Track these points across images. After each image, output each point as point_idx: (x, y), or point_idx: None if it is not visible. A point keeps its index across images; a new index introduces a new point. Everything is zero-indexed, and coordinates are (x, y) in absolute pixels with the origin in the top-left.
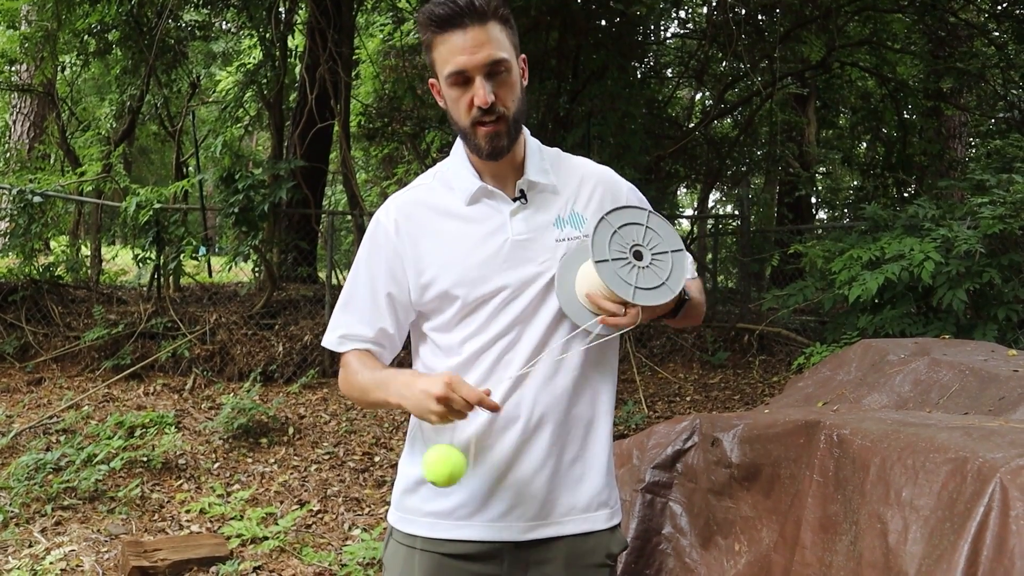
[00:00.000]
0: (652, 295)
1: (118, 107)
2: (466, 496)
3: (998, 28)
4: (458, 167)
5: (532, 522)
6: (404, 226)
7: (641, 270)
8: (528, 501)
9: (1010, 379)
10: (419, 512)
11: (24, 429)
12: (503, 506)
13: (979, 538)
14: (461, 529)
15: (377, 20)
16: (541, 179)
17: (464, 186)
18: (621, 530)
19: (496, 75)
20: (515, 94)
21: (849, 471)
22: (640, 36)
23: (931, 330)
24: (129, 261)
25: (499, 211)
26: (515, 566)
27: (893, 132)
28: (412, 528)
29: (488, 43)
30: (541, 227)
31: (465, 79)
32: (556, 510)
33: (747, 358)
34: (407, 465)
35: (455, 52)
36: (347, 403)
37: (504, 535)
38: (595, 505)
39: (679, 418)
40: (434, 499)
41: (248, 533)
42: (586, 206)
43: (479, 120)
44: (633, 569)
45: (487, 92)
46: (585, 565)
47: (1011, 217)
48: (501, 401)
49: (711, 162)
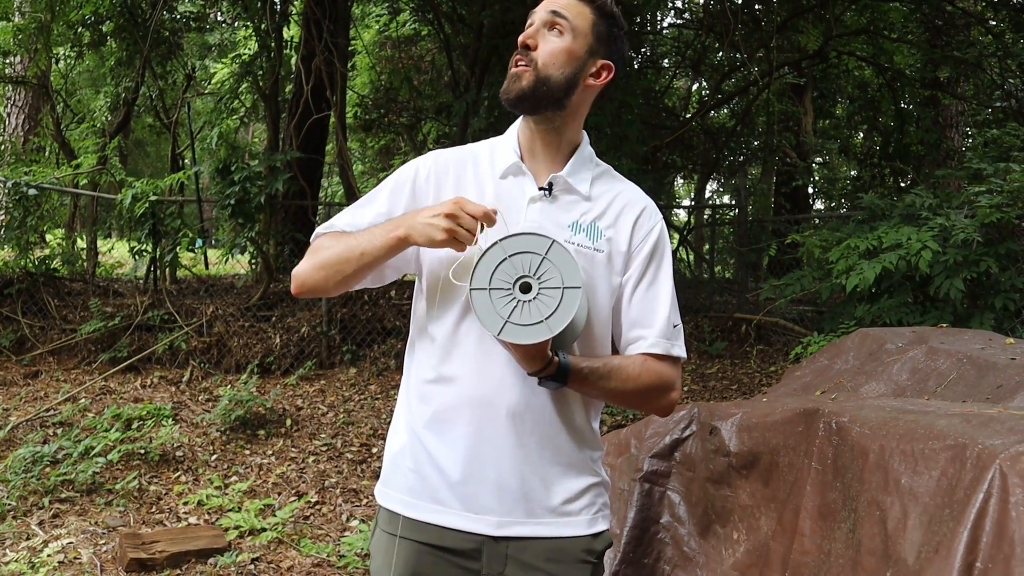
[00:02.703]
0: (525, 332)
1: (113, 99)
2: (441, 479)
3: (995, 17)
4: (506, 141)
5: (507, 518)
6: (434, 176)
7: (521, 304)
8: (502, 493)
9: (1008, 367)
10: (400, 488)
11: (21, 422)
12: (479, 497)
13: (978, 524)
14: (439, 514)
15: (373, 11)
16: (577, 184)
17: (503, 158)
18: (607, 533)
19: (550, 30)
20: (558, 57)
21: (848, 459)
22: (637, 26)
23: (929, 319)
24: (125, 254)
25: (523, 193)
26: (494, 560)
27: (890, 121)
28: (393, 505)
29: (566, 5)
30: (555, 224)
31: (531, 22)
32: (534, 510)
33: (745, 348)
34: (392, 435)
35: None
36: (345, 395)
37: (479, 527)
38: (577, 509)
39: (677, 408)
40: (412, 476)
41: (246, 525)
42: (609, 226)
43: (516, 58)
44: (632, 558)
45: (533, 32)
46: (563, 561)
47: (1008, 206)
48: (479, 378)
49: (708, 152)
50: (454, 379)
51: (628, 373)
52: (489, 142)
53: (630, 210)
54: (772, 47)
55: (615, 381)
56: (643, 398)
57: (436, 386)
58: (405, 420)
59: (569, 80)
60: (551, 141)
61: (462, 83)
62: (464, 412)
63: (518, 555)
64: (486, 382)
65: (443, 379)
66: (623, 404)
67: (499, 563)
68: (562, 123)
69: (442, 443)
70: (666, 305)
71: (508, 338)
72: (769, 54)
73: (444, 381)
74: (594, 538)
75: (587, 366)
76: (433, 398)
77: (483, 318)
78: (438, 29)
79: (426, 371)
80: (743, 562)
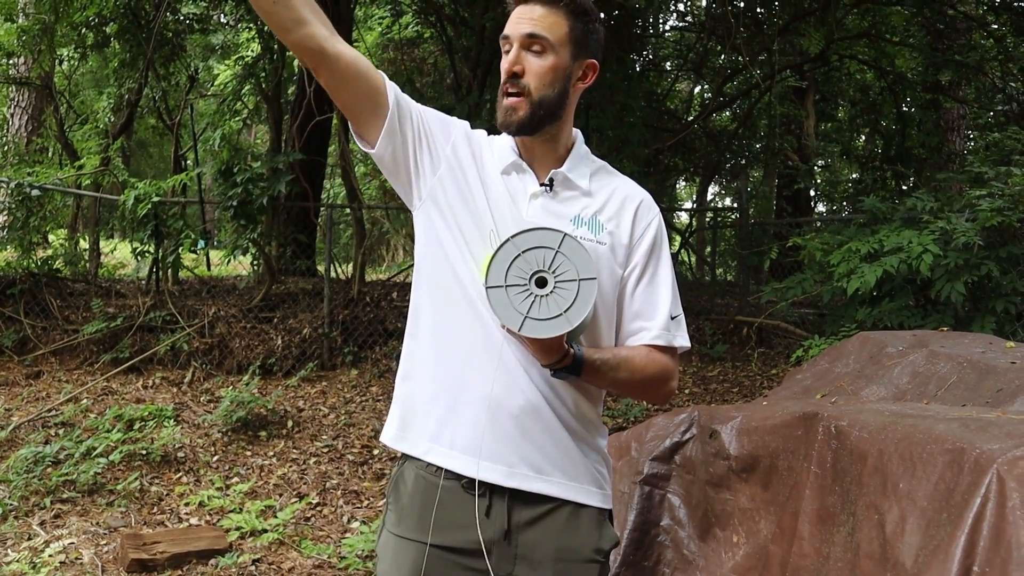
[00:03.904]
0: (545, 326)
1: (116, 100)
2: (456, 427)
3: (997, 21)
4: (504, 139)
5: (518, 469)
6: (464, 141)
7: (539, 298)
8: (513, 443)
9: (1008, 371)
10: (420, 434)
11: (23, 422)
12: (493, 450)
13: (976, 528)
14: (454, 459)
15: (376, 13)
16: (576, 179)
17: (503, 155)
18: (612, 526)
19: (531, 51)
20: (547, 78)
21: (847, 462)
22: (639, 29)
23: (929, 322)
24: (128, 254)
25: (524, 189)
26: (503, 560)
27: (892, 125)
28: (412, 448)
29: (538, 20)
30: (557, 219)
31: (509, 46)
32: (544, 468)
33: (746, 351)
34: (401, 384)
35: (512, 20)
36: (346, 396)
37: (492, 476)
38: (587, 478)
39: (677, 410)
40: (433, 424)
41: (247, 526)
42: (610, 219)
43: (505, 87)
44: (632, 561)
45: (516, 59)
46: (573, 560)
47: (1009, 210)
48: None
49: (710, 155)
50: (460, 374)
51: (635, 364)
52: (489, 137)
53: (629, 203)
54: (774, 50)
55: (624, 372)
56: (647, 388)
57: (441, 370)
58: (429, 371)
59: (562, 94)
60: (549, 145)
61: (464, 86)
62: (472, 405)
63: (528, 554)
64: (495, 383)
65: (446, 370)
66: (627, 393)
67: (508, 563)
68: (558, 130)
69: (457, 413)
70: (667, 297)
71: (528, 333)
72: (771, 57)
73: (448, 373)
74: (601, 531)
75: (599, 357)
76: (443, 380)
77: (502, 315)
78: (440, 32)
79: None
80: (742, 565)
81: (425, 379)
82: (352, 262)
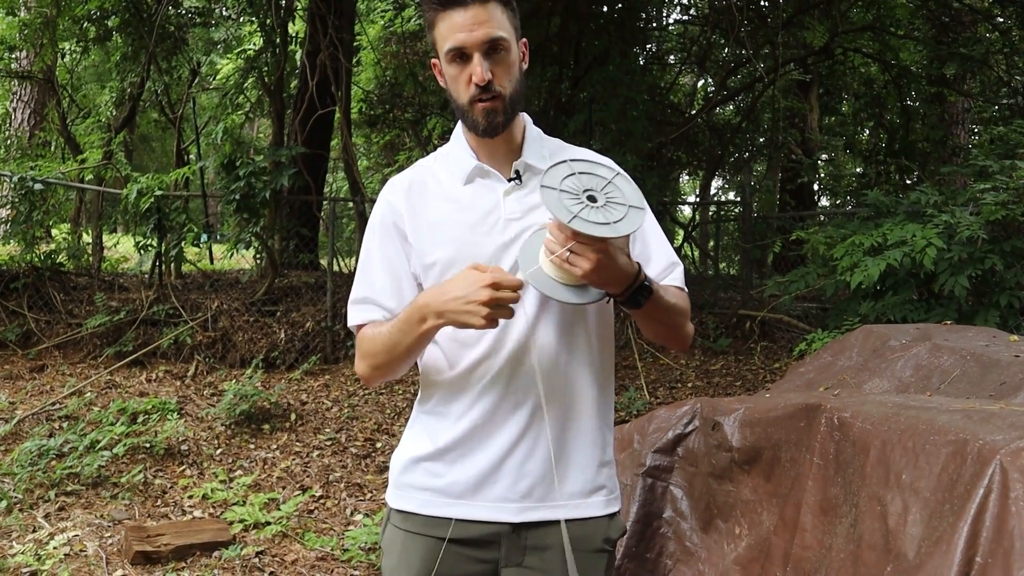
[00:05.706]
0: (593, 227)
1: (118, 94)
2: (460, 474)
3: (1002, 13)
4: (456, 148)
5: (524, 503)
6: (403, 203)
7: (589, 208)
8: (521, 481)
9: (1011, 364)
10: (415, 487)
11: (27, 416)
12: (496, 486)
13: (979, 520)
14: (455, 507)
15: (378, 6)
16: (538, 164)
17: (460, 166)
18: (620, 516)
19: (494, 54)
20: (513, 74)
21: (849, 454)
22: (642, 22)
23: (933, 316)
24: (130, 248)
25: (493, 190)
26: (512, 551)
27: (896, 118)
28: (407, 505)
29: (488, 22)
30: (534, 207)
31: (464, 56)
32: (551, 494)
33: (749, 344)
34: (408, 442)
35: (455, 29)
36: (349, 389)
37: (499, 515)
38: (590, 490)
39: (680, 402)
40: (430, 477)
41: (251, 518)
42: None
43: (477, 97)
44: (634, 553)
45: (484, 69)
46: (583, 551)
47: (1014, 203)
48: (503, 378)
49: (713, 149)
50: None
51: (674, 294)
52: (437, 154)
53: None
54: (778, 43)
55: (672, 298)
56: (682, 322)
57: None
58: (428, 419)
59: (523, 83)
60: (509, 136)
61: None
62: (487, 407)
63: (538, 544)
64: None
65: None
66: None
67: (518, 554)
68: (516, 120)
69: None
70: (662, 241)
71: (577, 227)
72: (775, 50)
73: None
74: (609, 521)
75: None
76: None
77: (554, 210)
78: None
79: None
80: (745, 557)
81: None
82: (354, 256)
